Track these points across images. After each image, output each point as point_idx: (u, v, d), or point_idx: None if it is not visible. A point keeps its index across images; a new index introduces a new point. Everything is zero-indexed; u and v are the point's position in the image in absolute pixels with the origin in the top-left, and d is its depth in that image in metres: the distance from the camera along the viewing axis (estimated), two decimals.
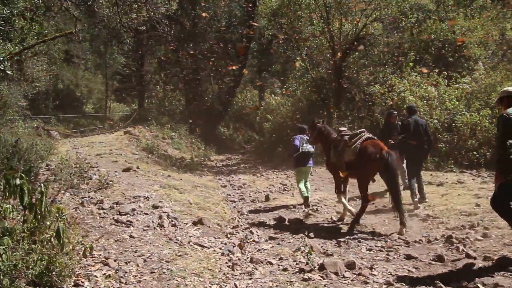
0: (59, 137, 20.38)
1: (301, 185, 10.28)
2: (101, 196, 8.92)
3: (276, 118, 22.39)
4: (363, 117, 17.84)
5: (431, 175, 12.44)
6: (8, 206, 4.96)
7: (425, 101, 15.28)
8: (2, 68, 7.44)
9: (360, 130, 8.52)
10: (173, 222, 7.72)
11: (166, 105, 30.20)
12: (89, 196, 8.80)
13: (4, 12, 7.80)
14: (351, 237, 7.45)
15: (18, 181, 4.75)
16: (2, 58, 7.28)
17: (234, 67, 25.98)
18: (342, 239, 7.33)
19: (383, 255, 6.45)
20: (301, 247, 6.72)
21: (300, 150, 10.10)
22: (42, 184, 4.87)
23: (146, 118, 26.95)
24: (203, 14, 25.81)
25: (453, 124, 14.35)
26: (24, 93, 18.38)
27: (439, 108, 14.99)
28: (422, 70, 16.78)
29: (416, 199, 9.16)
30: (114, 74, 37.48)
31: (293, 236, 7.77)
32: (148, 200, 8.99)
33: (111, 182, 10.24)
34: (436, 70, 16.68)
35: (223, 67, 28.18)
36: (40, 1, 11.14)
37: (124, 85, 36.03)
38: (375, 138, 8.28)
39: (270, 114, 22.95)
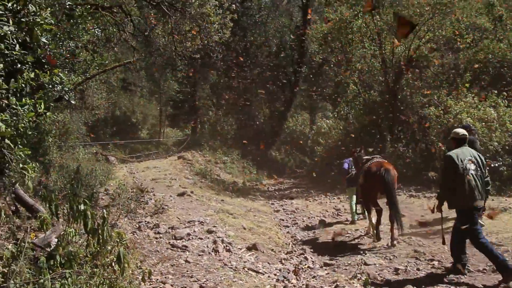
0: (116, 162, 21.10)
1: (353, 203, 10.81)
2: (157, 221, 9.12)
3: (327, 142, 22.25)
4: (418, 140, 17.42)
5: (493, 199, 11.94)
6: (71, 230, 5.18)
7: (483, 123, 14.78)
8: (67, 99, 7.83)
9: (373, 156, 9.60)
10: (228, 247, 7.78)
11: (218, 130, 30.67)
12: (145, 221, 9.02)
13: (70, 45, 8.23)
14: (410, 265, 7.22)
15: (82, 207, 4.96)
16: (67, 89, 7.64)
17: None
18: (400, 266, 7.12)
19: (444, 285, 6.19)
20: (358, 274, 6.60)
21: (350, 172, 10.96)
22: (104, 210, 5.05)
23: (199, 143, 27.44)
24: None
25: None
26: (84, 120, 19.23)
27: (499, 130, 14.44)
28: (482, 97, 16.22)
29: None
30: (168, 100, 38.51)
31: (349, 262, 7.63)
32: (203, 224, 9.11)
33: (166, 206, 10.47)
34: (495, 91, 16.13)
35: (275, 92, 28.43)
36: (102, 34, 11.74)
37: (178, 110, 36.91)
38: (385, 160, 9.30)
39: (322, 138, 22.84)
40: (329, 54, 22.58)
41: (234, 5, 13.93)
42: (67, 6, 8.42)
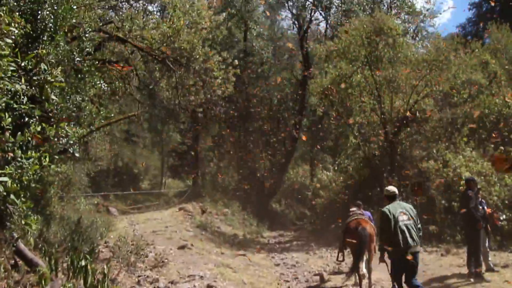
0: (117, 213, 21.05)
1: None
2: (157, 275, 9.06)
3: (328, 194, 22.25)
4: (418, 194, 17.45)
5: (494, 255, 11.86)
6: (70, 285, 5.17)
7: (482, 177, 14.87)
8: (71, 151, 7.97)
9: (353, 213, 10.47)
10: None
11: (219, 182, 30.71)
12: (145, 275, 8.96)
13: (77, 99, 8.47)
14: None
15: (83, 262, 4.98)
16: (72, 142, 7.80)
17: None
18: None
19: None
20: None
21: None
22: (104, 265, 5.07)
23: (200, 194, 27.43)
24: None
25: None
26: (87, 171, 19.34)
27: (498, 184, 14.52)
28: (483, 155, 16.45)
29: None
30: (170, 151, 38.81)
31: None
32: (203, 279, 9.04)
33: (166, 260, 10.41)
34: (492, 145, 16.33)
35: (276, 144, 28.72)
36: (108, 88, 12.03)
37: (179, 161, 37.13)
38: (363, 217, 10.17)
39: (322, 190, 22.85)
40: (329, 108, 22.95)
41: (236, 61, 14.34)
42: (76, 62, 8.72)
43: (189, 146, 33.84)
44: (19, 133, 6.17)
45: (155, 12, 14.46)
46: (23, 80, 5.19)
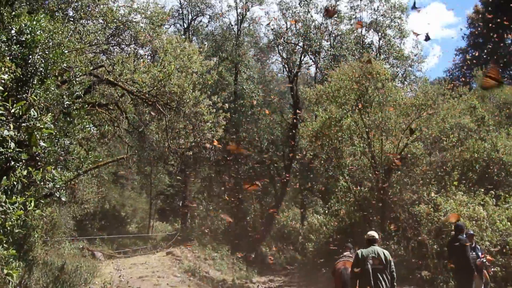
0: (102, 258, 20.52)
1: None
2: None
3: (319, 238, 21.95)
4: (410, 238, 17.26)
5: None
6: None
7: (473, 222, 14.76)
8: (58, 196, 7.79)
9: (343, 255, 10.69)
10: None
11: (208, 225, 30.28)
12: None
13: (65, 143, 8.35)
14: None
15: None
16: (59, 186, 7.64)
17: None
18: None
19: None
20: None
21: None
22: None
23: (188, 238, 26.96)
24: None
25: (507, 246, 13.66)
26: (73, 214, 18.95)
27: (490, 229, 14.41)
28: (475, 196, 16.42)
29: None
30: (158, 194, 38.40)
31: None
32: None
33: None
34: (482, 190, 16.32)
35: (266, 187, 28.55)
36: (97, 131, 11.98)
37: (168, 204, 36.69)
38: (351, 259, 9.89)
39: (313, 234, 22.56)
40: (319, 151, 22.96)
41: (227, 104, 14.40)
42: (65, 106, 8.65)
43: (178, 188, 33.54)
44: (4, 177, 6.02)
45: (146, 56, 14.49)
46: (11, 126, 5.09)
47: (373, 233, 8.37)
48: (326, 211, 24.10)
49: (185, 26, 32.21)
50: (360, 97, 19.11)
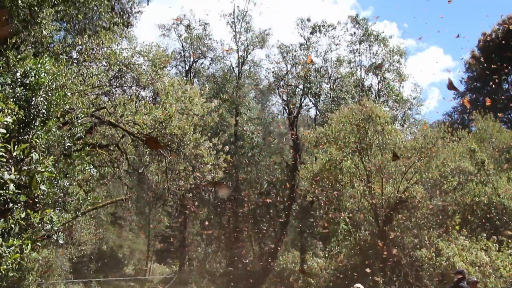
0: None
1: None
2: None
3: (319, 282, 21.55)
4: (411, 284, 16.94)
5: None
6: None
7: (476, 268, 14.52)
8: (55, 238, 7.69)
9: None
10: None
11: (206, 267, 29.78)
12: None
13: (64, 184, 8.30)
14: None
15: None
16: (56, 228, 7.55)
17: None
18: None
19: None
20: None
21: None
22: None
23: (186, 281, 26.47)
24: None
25: None
26: (69, 256, 18.65)
27: (493, 275, 14.15)
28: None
29: None
30: (156, 235, 37.95)
31: None
32: None
33: None
34: (484, 234, 16.14)
35: (265, 229, 28.25)
36: (97, 173, 11.95)
37: (166, 246, 36.21)
38: None
39: (313, 278, 22.16)
40: (320, 193, 22.84)
41: (227, 147, 14.42)
42: (66, 147, 8.65)
43: (177, 230, 33.17)
44: (2, 219, 5.95)
45: (147, 98, 14.63)
46: (12, 169, 5.07)
47: (359, 285, 8.52)
48: (326, 255, 23.74)
49: (187, 68, 32.70)
50: (360, 140, 19.19)
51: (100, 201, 11.78)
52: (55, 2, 9.85)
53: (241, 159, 29.00)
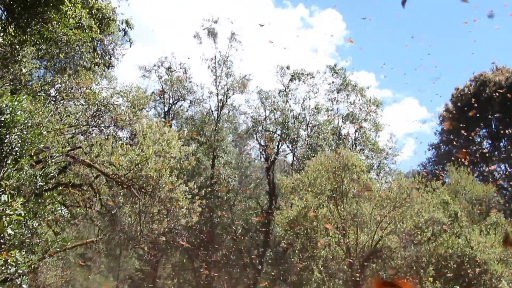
0: None
1: None
2: None
3: None
4: None
5: None
6: None
7: None
8: (19, 283, 7.40)
9: None
10: None
11: None
12: None
13: (33, 224, 8.07)
14: None
15: None
16: (21, 271, 7.25)
17: None
18: None
19: None
20: None
21: None
22: None
23: None
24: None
25: None
26: None
27: None
28: None
29: None
30: (126, 278, 36.86)
31: None
32: None
33: None
34: (457, 287, 16.13)
35: (238, 275, 27.74)
36: (68, 214, 11.66)
37: None
38: None
39: None
40: (294, 240, 22.66)
41: (203, 191, 14.31)
42: (38, 186, 8.46)
43: (147, 273, 32.30)
44: None
45: (124, 139, 14.53)
46: None
47: None
48: None
49: (166, 110, 32.75)
50: (336, 187, 19.27)
51: (69, 243, 11.46)
52: (37, 41, 9.85)
53: (216, 203, 28.75)
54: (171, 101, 32.99)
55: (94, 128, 14.01)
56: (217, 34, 31.40)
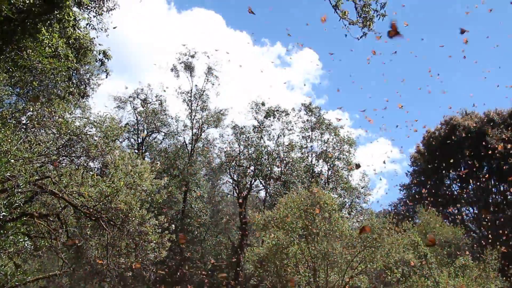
0: None
1: None
2: None
3: None
4: None
5: None
6: None
7: None
8: None
9: None
10: None
11: None
12: None
13: None
14: None
15: None
16: None
17: None
18: None
19: None
20: None
21: None
22: None
23: None
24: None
25: None
26: None
27: None
28: None
29: None
30: None
31: None
32: None
33: None
34: None
35: None
36: (31, 245, 11.29)
37: None
38: None
39: None
40: (264, 277, 22.39)
41: (173, 225, 14.08)
42: (1, 217, 8.20)
43: None
44: None
45: (96, 170, 14.29)
46: None
47: None
48: None
49: (139, 141, 32.49)
50: (307, 225, 19.23)
51: (29, 277, 11.02)
52: (10, 68, 9.73)
53: (187, 237, 28.31)
54: (145, 133, 32.80)
55: (65, 158, 13.75)
56: (194, 68, 31.69)
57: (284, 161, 32.15)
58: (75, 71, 15.84)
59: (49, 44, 9.99)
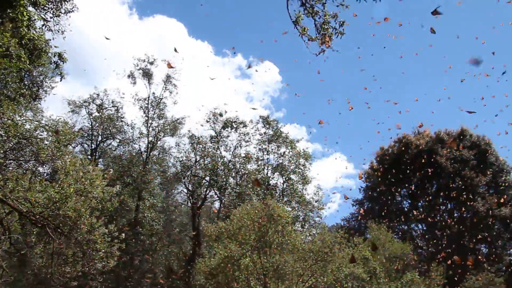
0: None
1: None
2: None
3: None
4: None
5: None
6: None
7: None
8: None
9: None
10: None
11: None
12: None
13: None
14: None
15: None
16: None
17: None
18: None
19: None
20: None
21: None
22: None
23: None
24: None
25: None
26: None
27: None
28: None
29: None
30: None
31: None
32: None
33: None
34: None
35: None
36: None
37: None
38: None
39: None
40: None
41: (123, 234, 13.77)
42: None
43: None
44: None
45: (45, 175, 13.84)
46: None
47: None
48: None
49: (93, 147, 31.72)
50: (260, 238, 19.23)
51: None
52: None
53: (138, 247, 27.77)
54: (99, 139, 32.07)
55: (12, 161, 13.25)
56: (152, 75, 31.31)
57: (240, 173, 32.14)
58: (27, 73, 15.35)
59: (0, 44, 9.65)
